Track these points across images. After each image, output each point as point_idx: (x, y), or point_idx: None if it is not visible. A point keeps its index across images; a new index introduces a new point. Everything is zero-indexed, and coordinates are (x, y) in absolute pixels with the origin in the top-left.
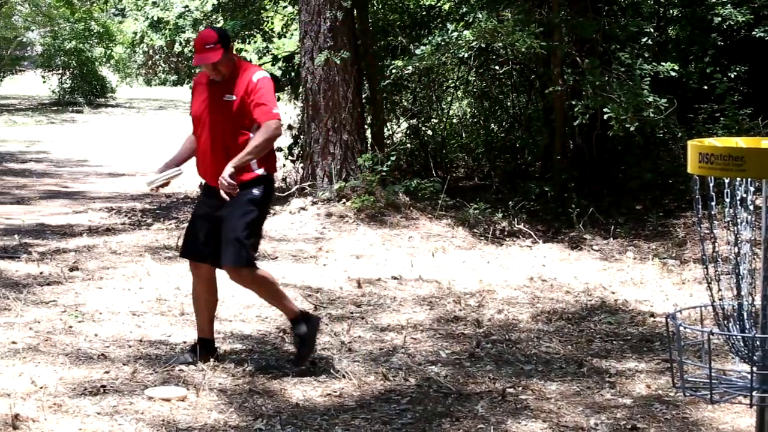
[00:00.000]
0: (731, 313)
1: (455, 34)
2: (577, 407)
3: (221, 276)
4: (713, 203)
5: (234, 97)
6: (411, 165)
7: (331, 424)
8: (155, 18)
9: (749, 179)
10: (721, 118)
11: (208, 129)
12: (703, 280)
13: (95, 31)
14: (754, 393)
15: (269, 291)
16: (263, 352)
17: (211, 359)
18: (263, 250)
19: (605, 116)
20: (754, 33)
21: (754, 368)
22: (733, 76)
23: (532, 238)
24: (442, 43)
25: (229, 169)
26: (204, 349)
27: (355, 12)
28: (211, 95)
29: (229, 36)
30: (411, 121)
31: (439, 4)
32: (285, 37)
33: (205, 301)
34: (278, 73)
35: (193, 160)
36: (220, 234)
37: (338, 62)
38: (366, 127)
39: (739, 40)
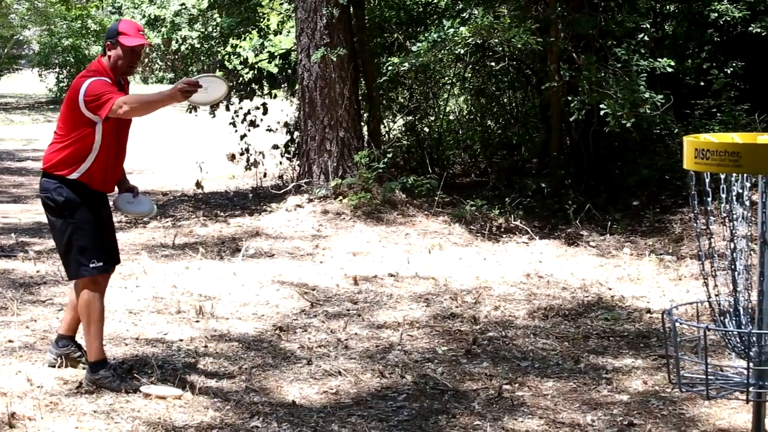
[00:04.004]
0: (727, 309)
1: (451, 30)
2: (574, 404)
3: (220, 274)
4: (709, 199)
5: None
6: (408, 162)
7: (327, 421)
8: (152, 16)
9: (745, 175)
10: (718, 114)
11: (122, 139)
12: (700, 276)
13: (92, 29)
14: (750, 389)
15: None
16: (259, 350)
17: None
18: (260, 247)
19: (602, 112)
20: (750, 29)
21: (751, 364)
22: (729, 71)
23: (528, 234)
24: (439, 40)
25: None
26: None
27: (351, 9)
28: None
29: None
30: (407, 117)
31: (435, 1)
32: (281, 34)
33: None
34: (274, 70)
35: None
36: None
37: (335, 59)
38: (362, 124)
39: (735, 35)
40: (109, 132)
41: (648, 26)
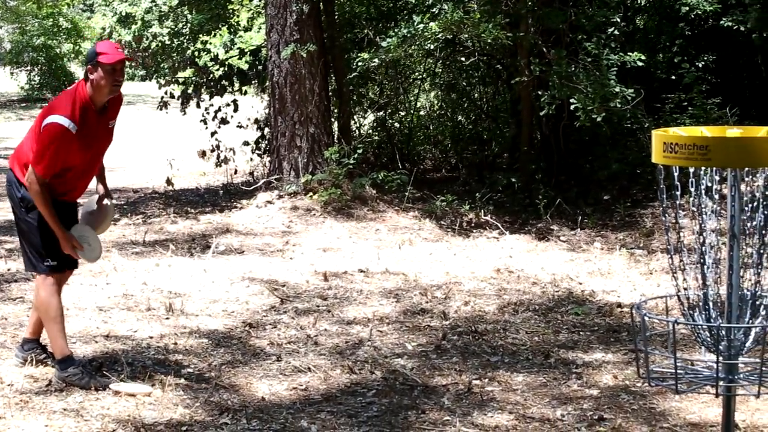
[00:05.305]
0: (697, 303)
1: (421, 26)
2: (544, 398)
3: (190, 271)
4: (678, 193)
5: (113, 123)
6: (378, 157)
7: (296, 417)
8: (123, 13)
9: (714, 168)
10: (689, 108)
11: (94, 158)
12: (670, 270)
13: (63, 27)
14: (720, 383)
15: None
16: (229, 347)
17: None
18: (230, 243)
19: (572, 107)
20: (721, 22)
21: (720, 358)
22: (701, 65)
23: (499, 229)
24: (409, 35)
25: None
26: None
27: (321, 5)
28: (101, 125)
29: None
30: (378, 113)
31: None
32: (251, 30)
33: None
34: (245, 66)
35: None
36: None
37: (304, 55)
38: (333, 120)
39: (706, 29)
40: (81, 162)
41: (618, 20)
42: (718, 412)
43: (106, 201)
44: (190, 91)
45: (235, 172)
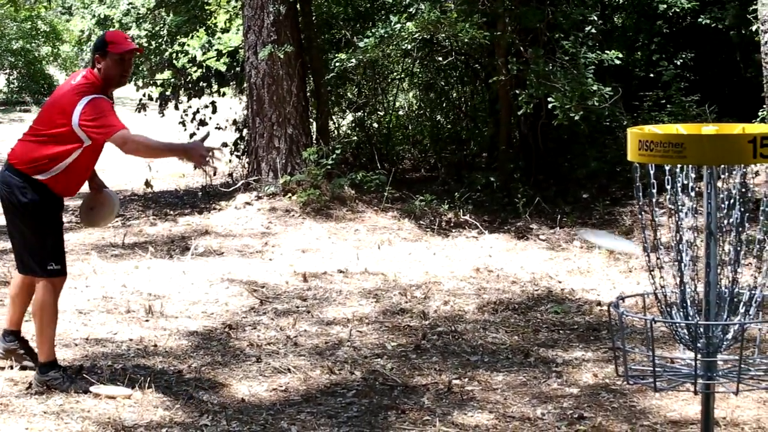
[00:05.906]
0: (675, 301)
1: (398, 26)
2: (524, 397)
3: (169, 273)
4: (654, 191)
5: None
6: (357, 158)
7: (276, 418)
8: (101, 16)
9: (690, 166)
10: (668, 106)
11: (99, 154)
12: (648, 268)
13: (42, 30)
14: (698, 380)
15: None
16: (209, 348)
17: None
18: (209, 245)
19: (550, 105)
20: (699, 20)
21: (698, 355)
22: (679, 63)
23: (478, 228)
24: (386, 36)
25: None
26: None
27: (298, 5)
28: None
29: None
30: (356, 113)
31: None
32: (229, 31)
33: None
34: (223, 68)
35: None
36: None
37: (282, 56)
38: (311, 120)
39: (685, 27)
40: (92, 151)
41: (596, 18)
42: (698, 409)
43: (106, 190)
44: (168, 93)
45: (214, 174)
